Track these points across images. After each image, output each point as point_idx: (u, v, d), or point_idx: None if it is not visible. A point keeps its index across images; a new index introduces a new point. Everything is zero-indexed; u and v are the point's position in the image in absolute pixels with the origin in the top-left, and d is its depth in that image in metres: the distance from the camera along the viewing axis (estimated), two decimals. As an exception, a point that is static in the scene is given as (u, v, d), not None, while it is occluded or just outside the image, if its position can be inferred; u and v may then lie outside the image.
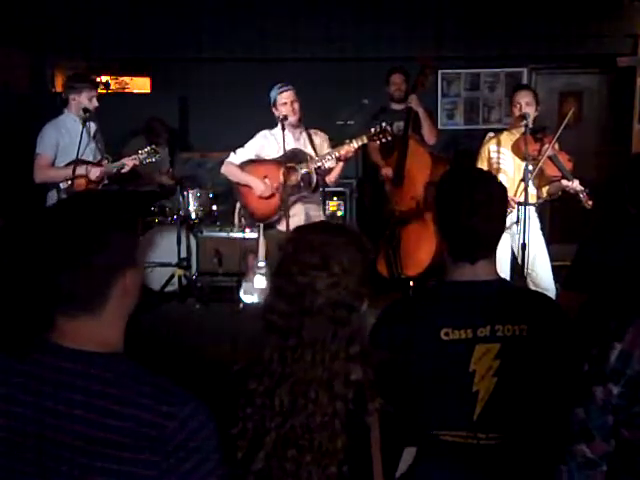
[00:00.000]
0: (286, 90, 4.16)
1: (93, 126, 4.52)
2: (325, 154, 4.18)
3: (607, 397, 1.40)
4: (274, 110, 4.19)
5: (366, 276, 1.44)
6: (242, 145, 4.38)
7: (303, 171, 4.17)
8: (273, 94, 4.18)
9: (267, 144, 4.28)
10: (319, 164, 4.16)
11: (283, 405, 1.36)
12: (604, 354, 1.41)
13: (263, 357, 1.39)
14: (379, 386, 1.38)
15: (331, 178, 4.32)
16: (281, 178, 4.17)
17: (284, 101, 4.14)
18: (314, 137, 4.32)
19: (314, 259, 1.39)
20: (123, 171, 4.53)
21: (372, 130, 4.11)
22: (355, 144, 4.09)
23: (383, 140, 4.10)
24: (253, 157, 4.32)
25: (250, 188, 4.31)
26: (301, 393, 1.35)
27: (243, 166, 4.34)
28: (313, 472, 1.33)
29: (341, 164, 4.20)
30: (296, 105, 4.17)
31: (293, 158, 4.19)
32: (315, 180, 4.18)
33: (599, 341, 1.44)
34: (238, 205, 4.74)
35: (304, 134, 4.32)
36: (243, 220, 4.95)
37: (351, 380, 1.36)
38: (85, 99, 4.37)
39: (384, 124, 4.09)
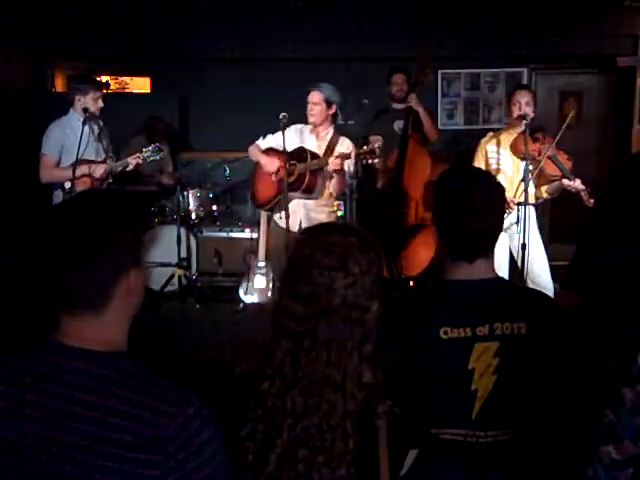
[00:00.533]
0: (309, 91, 4.21)
1: (96, 126, 4.53)
2: (322, 159, 4.16)
3: (636, 399, 1.39)
4: None
5: (379, 276, 1.43)
6: (254, 140, 4.46)
7: (300, 170, 4.17)
8: None
9: (292, 137, 4.27)
10: (314, 167, 4.15)
11: (295, 406, 1.35)
12: (632, 356, 1.40)
13: (274, 360, 1.38)
14: (386, 387, 1.38)
15: (333, 187, 4.29)
16: (282, 172, 4.17)
17: (307, 100, 4.21)
18: (339, 145, 4.25)
19: (332, 260, 1.38)
20: (128, 169, 4.54)
21: (364, 147, 4.10)
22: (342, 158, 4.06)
23: (369, 161, 4.07)
24: (275, 145, 4.36)
25: (261, 168, 4.38)
26: (314, 394, 1.35)
27: (265, 152, 4.42)
28: (324, 473, 1.33)
29: (335, 175, 4.17)
30: (316, 108, 4.19)
31: (296, 156, 4.20)
32: (307, 181, 4.16)
33: (627, 343, 1.43)
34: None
35: (326, 138, 4.28)
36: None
37: (363, 382, 1.36)
38: (90, 100, 4.39)
39: (376, 145, 4.06)
